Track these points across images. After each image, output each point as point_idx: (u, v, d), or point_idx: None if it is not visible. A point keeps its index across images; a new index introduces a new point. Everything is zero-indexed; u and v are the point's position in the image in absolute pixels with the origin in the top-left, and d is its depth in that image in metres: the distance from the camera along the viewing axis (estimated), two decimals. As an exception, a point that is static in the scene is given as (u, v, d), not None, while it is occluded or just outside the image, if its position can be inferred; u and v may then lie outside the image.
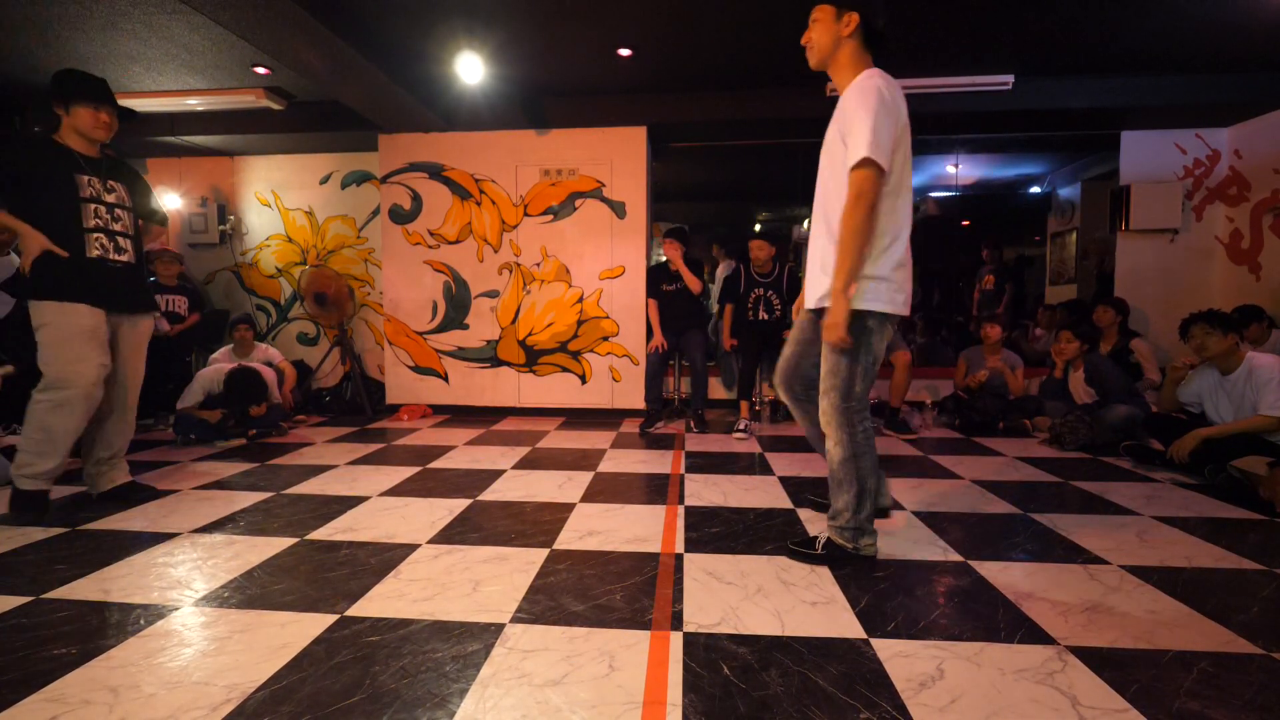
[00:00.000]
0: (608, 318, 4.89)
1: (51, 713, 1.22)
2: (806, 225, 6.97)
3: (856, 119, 1.74)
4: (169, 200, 5.39)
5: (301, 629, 1.55)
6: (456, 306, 5.01)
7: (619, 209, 4.81)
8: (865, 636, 1.51)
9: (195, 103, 4.38)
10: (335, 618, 1.60)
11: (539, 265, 4.92)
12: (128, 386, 2.63)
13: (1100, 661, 1.39)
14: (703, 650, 1.45)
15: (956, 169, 6.63)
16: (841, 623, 1.57)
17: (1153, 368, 4.12)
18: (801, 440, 1.98)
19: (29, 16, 3.34)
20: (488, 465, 3.28)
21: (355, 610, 1.65)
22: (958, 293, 7.76)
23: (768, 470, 3.13)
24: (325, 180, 5.46)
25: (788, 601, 1.69)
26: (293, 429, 4.29)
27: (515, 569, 1.91)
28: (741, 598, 1.72)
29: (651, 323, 4.47)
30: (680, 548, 2.09)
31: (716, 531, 2.24)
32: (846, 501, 1.90)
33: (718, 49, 3.85)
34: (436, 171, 4.94)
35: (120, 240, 2.52)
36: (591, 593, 1.75)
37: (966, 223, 7.67)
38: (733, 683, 1.32)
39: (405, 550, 2.07)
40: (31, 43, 3.65)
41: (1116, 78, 4.26)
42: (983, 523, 2.35)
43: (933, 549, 2.07)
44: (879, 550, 1.98)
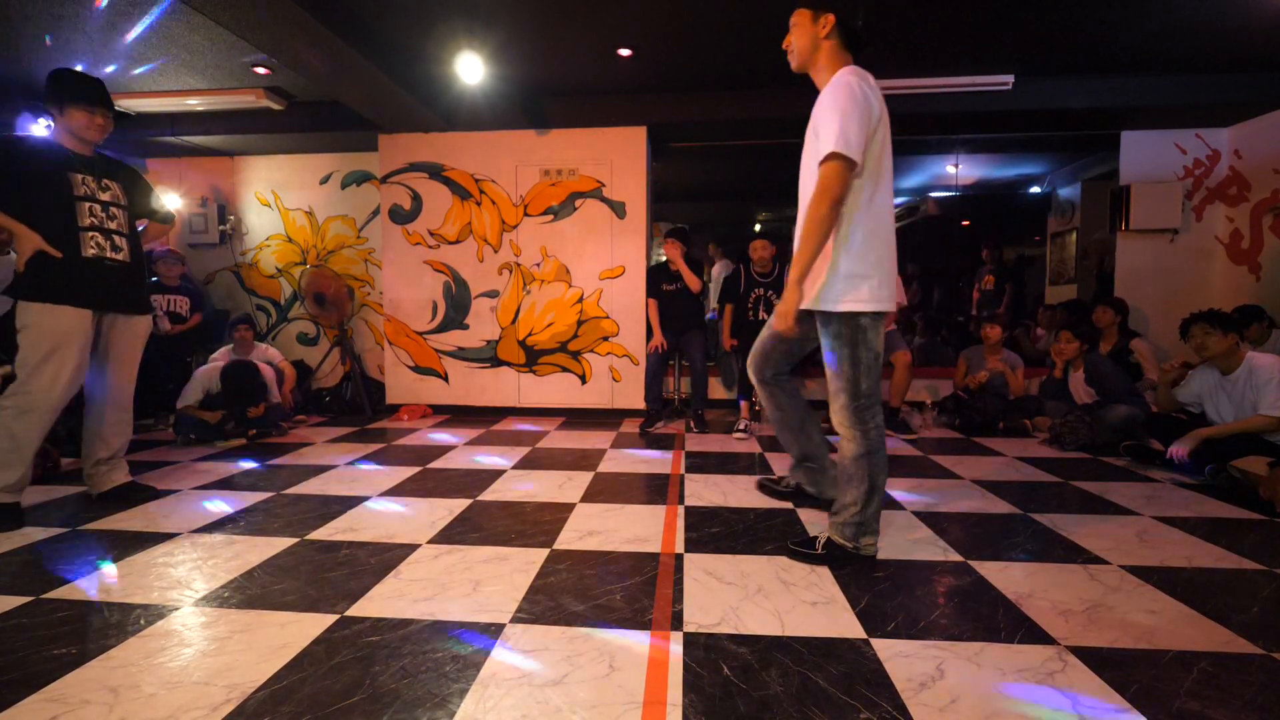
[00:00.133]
0: (608, 318, 4.89)
1: (51, 713, 1.23)
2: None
3: (827, 115, 1.76)
4: (169, 200, 5.38)
5: (301, 629, 1.55)
6: (456, 306, 5.01)
7: (619, 209, 4.81)
8: (865, 636, 1.51)
9: (195, 103, 4.39)
10: (335, 618, 1.60)
11: (539, 265, 4.92)
12: (125, 387, 2.60)
13: (1100, 661, 1.39)
14: (703, 650, 1.45)
15: (956, 169, 6.63)
16: (842, 623, 1.57)
17: (1153, 368, 4.11)
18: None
19: (29, 16, 3.34)
20: (488, 465, 3.28)
21: (355, 610, 1.65)
22: (958, 293, 7.76)
23: (768, 470, 3.13)
24: (325, 180, 5.46)
25: (788, 601, 1.69)
26: (293, 429, 4.29)
27: (515, 569, 1.91)
28: (741, 598, 1.72)
29: (651, 323, 4.47)
30: (680, 548, 2.09)
31: (716, 531, 2.24)
32: (855, 496, 1.90)
33: (718, 49, 3.85)
34: (436, 171, 4.94)
35: (116, 239, 2.49)
36: (591, 593, 1.75)
37: (966, 223, 7.67)
38: (733, 683, 1.32)
39: (405, 550, 2.07)
40: (32, 42, 3.65)
41: (1116, 78, 4.26)
42: (983, 523, 2.35)
43: (933, 549, 2.07)
44: (879, 550, 1.98)
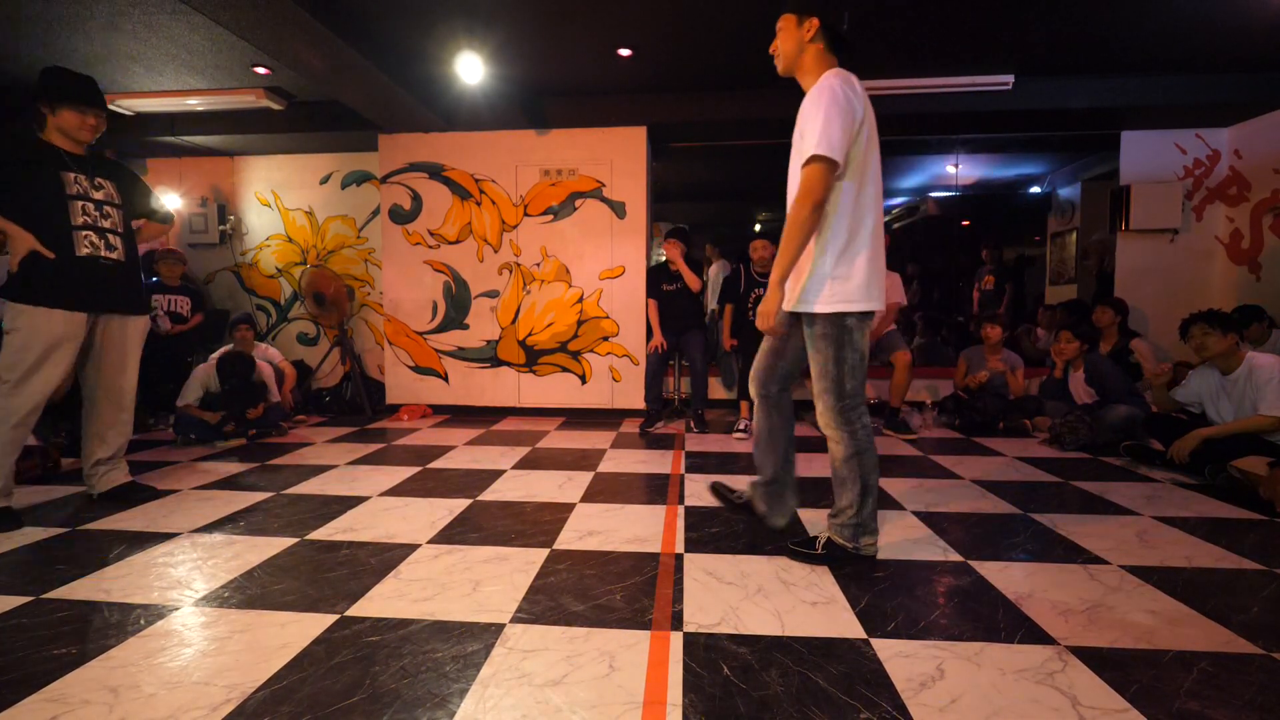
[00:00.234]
0: (608, 318, 4.89)
1: (51, 713, 1.23)
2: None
3: (810, 118, 1.77)
4: (169, 200, 5.38)
5: (301, 629, 1.55)
6: (456, 306, 5.01)
7: (619, 209, 4.81)
8: (865, 636, 1.51)
9: (195, 103, 4.39)
10: (335, 618, 1.60)
11: (539, 265, 4.92)
12: (123, 388, 2.58)
13: (1100, 661, 1.39)
14: (703, 650, 1.45)
15: (956, 169, 6.63)
16: (841, 623, 1.57)
17: (1152, 368, 4.11)
18: (801, 440, 1.98)
19: (29, 16, 3.34)
20: (488, 465, 3.28)
21: (355, 610, 1.65)
22: (958, 293, 7.76)
23: (768, 470, 3.13)
24: (325, 180, 5.46)
25: (788, 601, 1.69)
26: (293, 429, 4.29)
27: (515, 569, 1.91)
28: (741, 598, 1.72)
29: (651, 323, 4.47)
30: (680, 548, 2.09)
31: (716, 531, 2.24)
32: (850, 499, 1.91)
33: (718, 49, 3.85)
34: (436, 171, 4.94)
35: (110, 237, 2.46)
36: (591, 593, 1.75)
37: (966, 223, 7.67)
38: (733, 683, 1.32)
39: (405, 550, 2.07)
40: (32, 43, 3.65)
41: (1116, 78, 4.26)
42: (983, 523, 2.35)
43: (933, 549, 2.07)
44: (879, 550, 1.98)
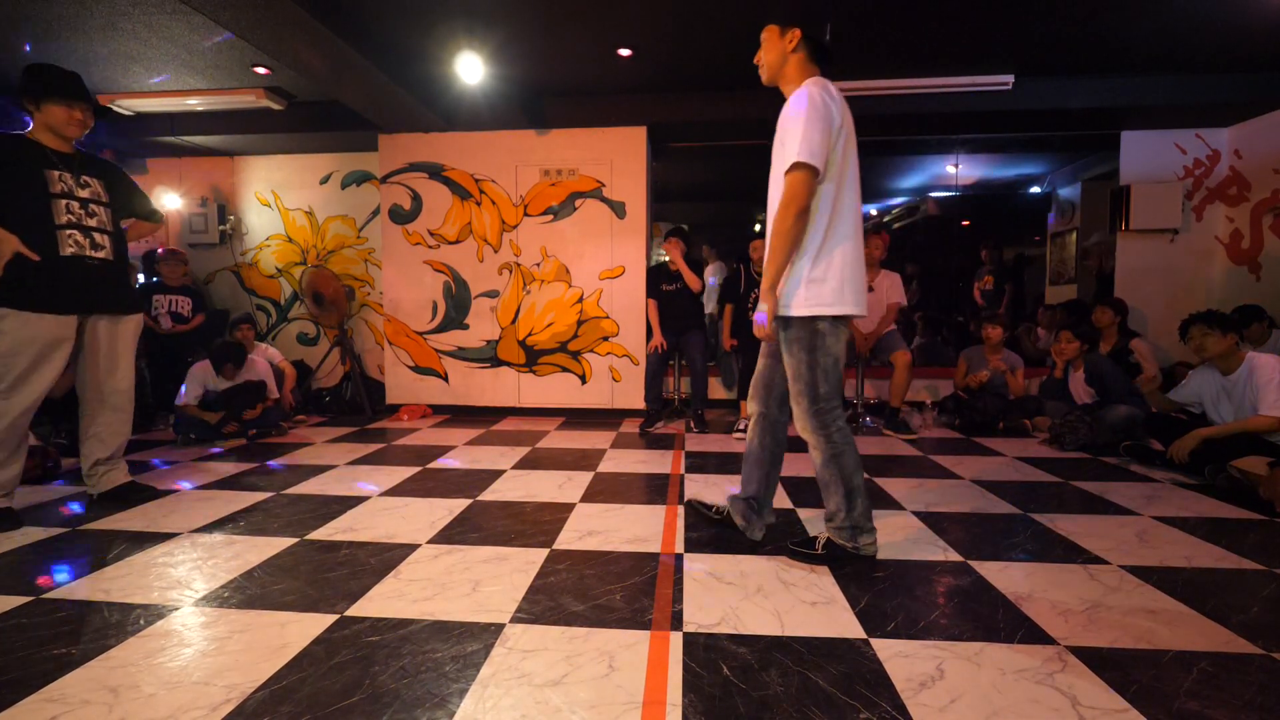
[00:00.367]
0: (608, 318, 4.89)
1: (51, 713, 1.23)
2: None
3: (790, 126, 1.79)
4: (169, 200, 5.38)
5: (301, 629, 1.55)
6: (456, 306, 5.01)
7: (619, 209, 4.81)
8: (865, 636, 1.51)
9: (195, 103, 4.38)
10: (335, 618, 1.60)
11: (539, 265, 4.92)
12: (116, 388, 2.55)
13: (1100, 661, 1.39)
14: (703, 650, 1.45)
15: (956, 169, 6.63)
16: (841, 623, 1.57)
17: (1152, 368, 4.12)
18: (801, 440, 1.98)
19: (29, 17, 3.34)
20: (488, 465, 3.28)
21: (355, 610, 1.65)
22: (958, 293, 7.76)
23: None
24: (325, 180, 5.46)
25: (787, 601, 1.69)
26: (293, 429, 4.29)
27: (515, 569, 1.91)
28: (741, 598, 1.72)
29: (651, 323, 4.47)
30: (680, 548, 2.09)
31: (716, 532, 2.24)
32: (838, 503, 1.91)
33: (718, 49, 3.84)
34: (436, 171, 4.94)
35: (97, 236, 2.42)
36: (591, 593, 1.75)
37: (966, 223, 7.67)
38: (733, 683, 1.32)
39: (405, 550, 2.07)
40: (31, 43, 3.65)
41: (1116, 78, 4.26)
42: (983, 523, 2.35)
43: (933, 549, 2.07)
44: (879, 550, 1.98)
